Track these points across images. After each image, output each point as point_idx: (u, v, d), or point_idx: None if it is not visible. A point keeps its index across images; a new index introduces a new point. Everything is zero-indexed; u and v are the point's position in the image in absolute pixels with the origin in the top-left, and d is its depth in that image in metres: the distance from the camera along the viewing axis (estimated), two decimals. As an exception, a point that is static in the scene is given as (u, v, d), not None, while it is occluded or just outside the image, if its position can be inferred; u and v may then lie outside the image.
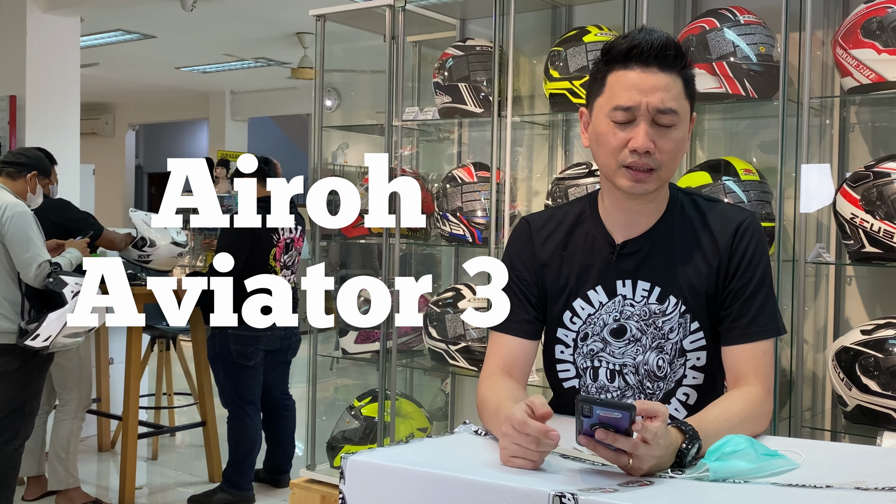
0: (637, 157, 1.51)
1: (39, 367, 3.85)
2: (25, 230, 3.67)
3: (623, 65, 1.53)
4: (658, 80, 1.51)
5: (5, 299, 3.68)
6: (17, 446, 3.84)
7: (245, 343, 4.30)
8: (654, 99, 1.50)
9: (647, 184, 1.54)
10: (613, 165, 1.54)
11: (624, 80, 1.52)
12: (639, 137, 1.50)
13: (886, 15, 2.40)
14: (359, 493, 1.29)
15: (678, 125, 1.53)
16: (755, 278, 1.59)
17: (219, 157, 10.51)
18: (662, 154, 1.52)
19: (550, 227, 1.70)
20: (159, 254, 4.88)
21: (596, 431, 1.22)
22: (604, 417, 1.21)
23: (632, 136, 1.51)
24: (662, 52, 1.51)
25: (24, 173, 3.95)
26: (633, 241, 1.63)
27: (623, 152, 1.52)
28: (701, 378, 1.63)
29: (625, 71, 1.52)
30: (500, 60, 3.07)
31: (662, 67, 1.51)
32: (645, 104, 1.50)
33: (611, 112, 1.53)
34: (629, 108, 1.51)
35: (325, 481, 3.47)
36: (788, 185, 2.56)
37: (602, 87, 1.55)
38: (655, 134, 1.51)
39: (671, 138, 1.53)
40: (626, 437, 1.22)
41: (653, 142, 1.51)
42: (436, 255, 3.76)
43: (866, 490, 1.18)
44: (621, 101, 1.51)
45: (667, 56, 1.51)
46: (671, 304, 1.60)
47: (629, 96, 1.51)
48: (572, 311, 1.66)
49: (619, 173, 1.54)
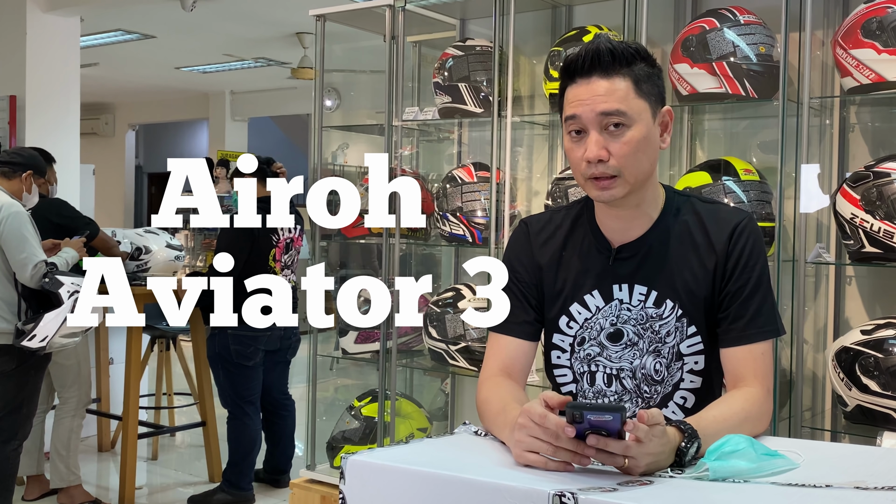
0: (593, 167, 1.52)
1: (37, 368, 3.85)
2: (21, 230, 3.67)
3: (571, 80, 1.56)
4: (597, 87, 1.52)
5: (1, 300, 3.68)
6: (16, 446, 3.84)
7: (245, 343, 4.30)
8: (596, 105, 1.51)
9: (613, 190, 1.54)
10: (581, 179, 1.57)
11: (571, 94, 1.55)
12: (589, 147, 1.52)
13: (886, 15, 2.40)
14: (359, 493, 1.29)
15: (631, 125, 1.52)
16: (752, 279, 1.58)
17: (219, 157, 10.51)
18: (618, 158, 1.52)
19: (549, 230, 1.70)
20: (156, 259, 4.89)
21: (588, 437, 1.22)
22: (595, 422, 1.21)
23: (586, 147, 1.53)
24: (596, 59, 1.52)
25: (20, 173, 3.94)
26: (629, 246, 1.62)
27: (582, 165, 1.54)
28: (699, 382, 1.63)
29: (573, 86, 1.55)
30: (500, 60, 3.07)
31: (602, 74, 1.52)
32: (588, 111, 1.51)
33: (566, 125, 1.56)
34: (574, 118, 1.53)
35: (325, 481, 3.47)
36: (788, 185, 2.56)
37: (563, 104, 1.59)
38: (608, 140, 1.52)
39: (624, 140, 1.52)
40: (618, 441, 1.22)
41: (605, 148, 1.51)
42: (436, 255, 3.76)
43: (866, 490, 1.18)
44: (567, 111, 1.55)
45: (602, 62, 1.52)
46: (668, 308, 1.60)
47: (572, 108, 1.54)
48: (569, 316, 1.66)
49: (587, 185, 1.57)
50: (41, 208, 4.27)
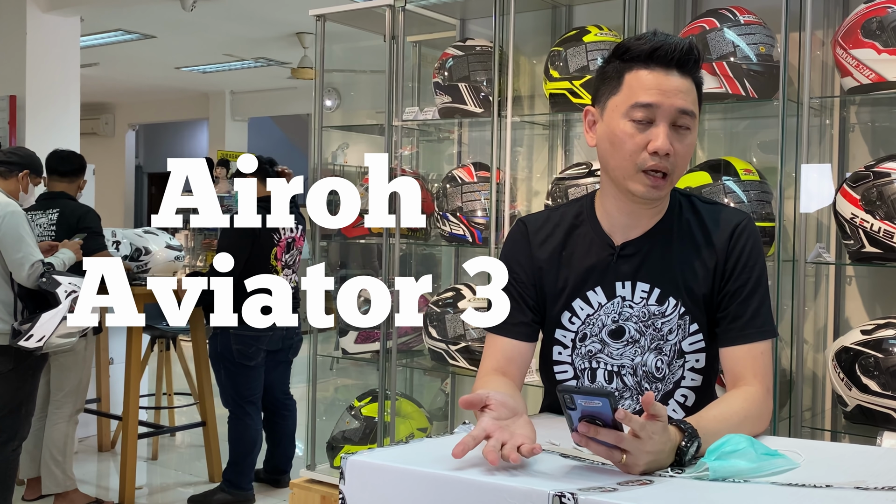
0: (658, 159, 1.51)
1: (34, 368, 3.84)
2: (18, 230, 3.66)
3: (644, 65, 1.52)
4: (679, 83, 1.52)
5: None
6: (15, 447, 3.83)
7: (247, 343, 4.30)
8: (676, 100, 1.51)
9: (660, 190, 1.54)
10: (630, 169, 1.53)
11: (645, 79, 1.52)
12: (659, 138, 1.50)
13: (886, 15, 2.40)
14: (359, 493, 1.29)
15: (692, 130, 1.54)
16: (752, 279, 1.59)
17: (219, 157, 10.51)
18: (678, 157, 1.53)
19: (548, 228, 1.70)
20: (156, 260, 4.88)
21: (579, 425, 1.22)
22: (586, 408, 1.21)
23: (650, 137, 1.50)
24: (685, 56, 1.52)
25: (16, 172, 3.94)
26: (632, 243, 1.62)
27: (642, 155, 1.51)
28: (699, 380, 1.63)
29: (646, 70, 1.52)
30: (500, 60, 3.07)
31: (682, 72, 1.53)
32: (669, 104, 1.50)
33: (629, 110, 1.52)
34: (650, 106, 1.50)
35: (325, 481, 3.47)
36: (788, 185, 2.56)
37: (618, 86, 1.54)
38: (673, 137, 1.52)
39: (687, 142, 1.53)
40: (611, 430, 1.21)
41: (671, 144, 1.51)
42: (436, 255, 3.76)
43: (866, 490, 1.18)
44: (643, 98, 1.50)
45: (688, 61, 1.53)
46: (670, 306, 1.60)
47: (650, 95, 1.50)
48: (571, 312, 1.66)
49: (635, 178, 1.53)
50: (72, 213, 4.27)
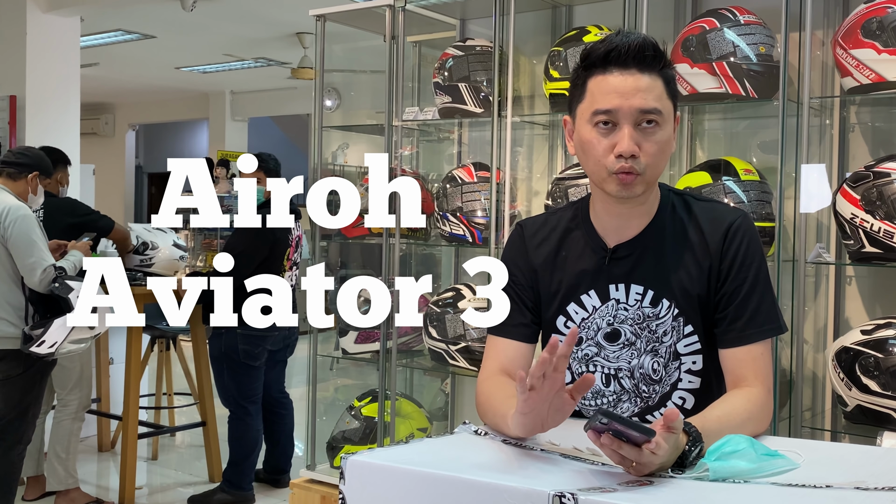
0: (623, 161, 1.49)
1: (42, 372, 3.83)
2: (29, 234, 3.65)
3: (602, 69, 1.51)
4: (638, 82, 1.49)
5: (9, 304, 3.66)
6: (21, 450, 3.83)
7: (253, 343, 4.30)
8: (635, 101, 1.48)
9: (634, 187, 1.52)
10: (602, 173, 1.53)
11: (604, 84, 1.50)
12: (623, 141, 1.48)
13: (886, 15, 2.40)
14: (359, 493, 1.29)
15: (662, 126, 1.52)
16: (749, 279, 1.57)
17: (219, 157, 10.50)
18: (647, 156, 1.50)
19: (544, 232, 1.70)
20: (161, 257, 4.88)
21: (602, 436, 1.21)
22: (620, 430, 1.20)
23: (616, 140, 1.49)
24: (640, 53, 1.49)
25: (26, 174, 3.92)
26: (625, 245, 1.62)
27: (609, 158, 1.50)
28: (697, 382, 1.62)
29: (604, 75, 1.51)
30: (500, 60, 3.07)
31: (642, 69, 1.50)
32: (627, 107, 1.48)
33: (592, 117, 1.51)
34: (610, 111, 1.49)
35: (325, 481, 3.47)
36: (788, 185, 2.56)
37: (583, 93, 1.54)
38: (640, 136, 1.50)
39: (655, 140, 1.51)
40: (633, 448, 1.21)
41: (637, 144, 1.49)
42: (436, 255, 3.76)
43: (866, 490, 1.18)
44: (602, 104, 1.50)
45: (645, 57, 1.50)
46: (664, 308, 1.59)
47: (609, 100, 1.49)
48: (566, 316, 1.65)
49: (608, 180, 1.53)
50: (56, 209, 4.27)
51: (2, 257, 3.66)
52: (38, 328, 3.59)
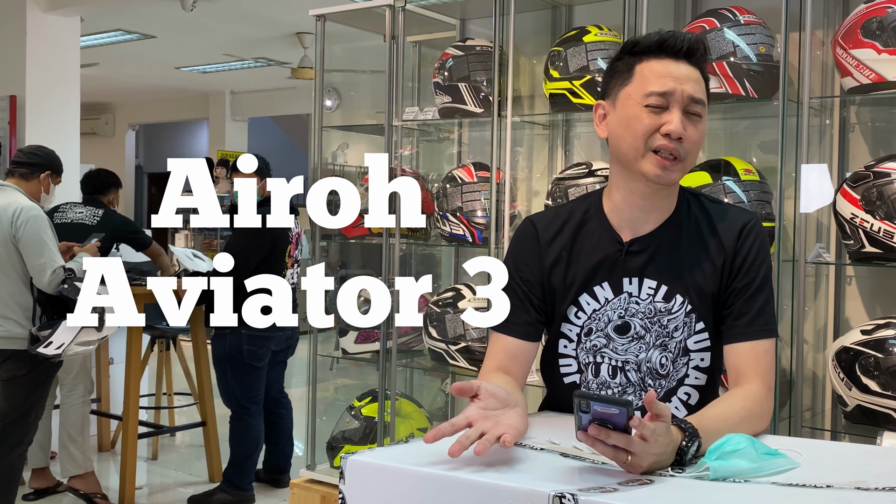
0: (669, 141, 1.54)
1: (47, 374, 3.83)
2: (40, 234, 3.64)
3: (654, 56, 1.57)
4: (690, 72, 1.57)
5: (17, 304, 3.66)
6: (22, 451, 3.83)
7: (258, 343, 4.30)
8: (688, 87, 1.55)
9: (672, 172, 1.56)
10: (641, 148, 1.56)
11: (658, 68, 1.56)
12: (673, 122, 1.53)
13: (886, 15, 2.40)
14: (359, 493, 1.29)
15: (703, 118, 1.58)
16: (758, 278, 1.60)
17: (219, 157, 10.50)
18: (689, 143, 1.56)
19: (556, 225, 1.71)
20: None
21: (589, 428, 1.22)
22: (600, 413, 1.21)
23: (664, 121, 1.54)
24: (694, 46, 1.57)
25: (38, 174, 3.91)
26: (640, 240, 1.63)
27: (654, 136, 1.55)
28: (703, 379, 1.64)
29: (657, 60, 1.57)
30: (500, 60, 3.07)
31: (690, 62, 1.58)
32: (680, 91, 1.54)
33: (643, 98, 1.56)
34: (664, 94, 1.54)
35: (325, 481, 3.47)
36: (788, 185, 2.56)
37: (629, 78, 1.59)
38: (686, 122, 1.55)
39: (699, 129, 1.57)
40: (621, 434, 1.21)
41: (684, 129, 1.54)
42: (436, 255, 3.76)
43: (866, 490, 1.18)
44: (656, 87, 1.55)
45: (696, 51, 1.58)
46: (677, 303, 1.61)
47: (664, 83, 1.55)
48: (577, 306, 1.66)
49: (646, 159, 1.56)
50: (114, 228, 4.63)
51: (12, 257, 3.66)
52: (46, 329, 3.58)
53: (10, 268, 3.67)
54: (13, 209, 3.65)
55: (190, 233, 10.84)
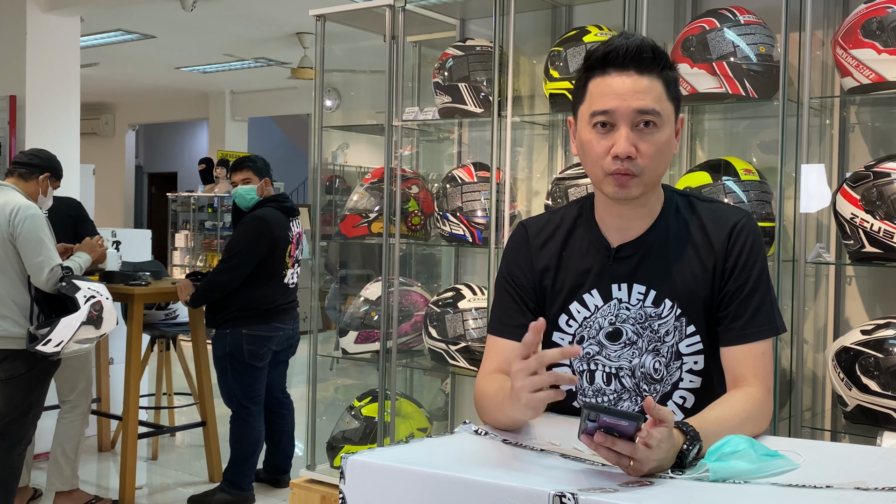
0: (619, 163, 1.50)
1: (45, 373, 3.83)
2: (38, 233, 3.65)
3: (601, 70, 1.52)
4: (636, 84, 1.50)
5: (14, 303, 3.66)
6: (21, 451, 3.82)
7: (259, 343, 4.30)
8: (633, 102, 1.49)
9: (630, 188, 1.53)
10: (599, 174, 1.54)
11: (602, 85, 1.52)
12: (619, 143, 1.49)
13: (886, 15, 2.40)
14: (359, 493, 1.29)
15: (661, 127, 1.52)
16: (752, 278, 1.58)
17: (219, 157, 10.51)
18: (644, 158, 1.51)
19: (548, 231, 1.70)
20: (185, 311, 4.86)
21: (595, 435, 1.22)
22: (608, 423, 1.20)
23: (613, 142, 1.50)
24: (638, 55, 1.50)
25: (37, 175, 3.93)
26: (628, 245, 1.62)
27: (606, 160, 1.52)
28: (698, 382, 1.63)
29: (603, 77, 1.52)
30: (500, 60, 3.07)
31: (640, 70, 1.51)
32: (625, 107, 1.49)
33: (590, 118, 1.53)
34: (607, 112, 1.50)
35: (325, 481, 3.47)
36: (788, 185, 2.56)
37: (583, 95, 1.56)
38: (637, 137, 1.50)
39: (653, 141, 1.51)
40: (627, 442, 1.21)
41: (634, 146, 1.50)
42: (436, 255, 3.76)
43: (866, 490, 1.18)
44: (599, 106, 1.51)
45: (643, 58, 1.51)
46: (667, 308, 1.60)
47: (606, 101, 1.50)
48: (568, 314, 1.66)
49: (605, 181, 1.54)
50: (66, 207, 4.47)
51: (10, 256, 3.67)
52: (44, 327, 3.59)
53: (7, 267, 3.67)
54: (11, 208, 3.66)
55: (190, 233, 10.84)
